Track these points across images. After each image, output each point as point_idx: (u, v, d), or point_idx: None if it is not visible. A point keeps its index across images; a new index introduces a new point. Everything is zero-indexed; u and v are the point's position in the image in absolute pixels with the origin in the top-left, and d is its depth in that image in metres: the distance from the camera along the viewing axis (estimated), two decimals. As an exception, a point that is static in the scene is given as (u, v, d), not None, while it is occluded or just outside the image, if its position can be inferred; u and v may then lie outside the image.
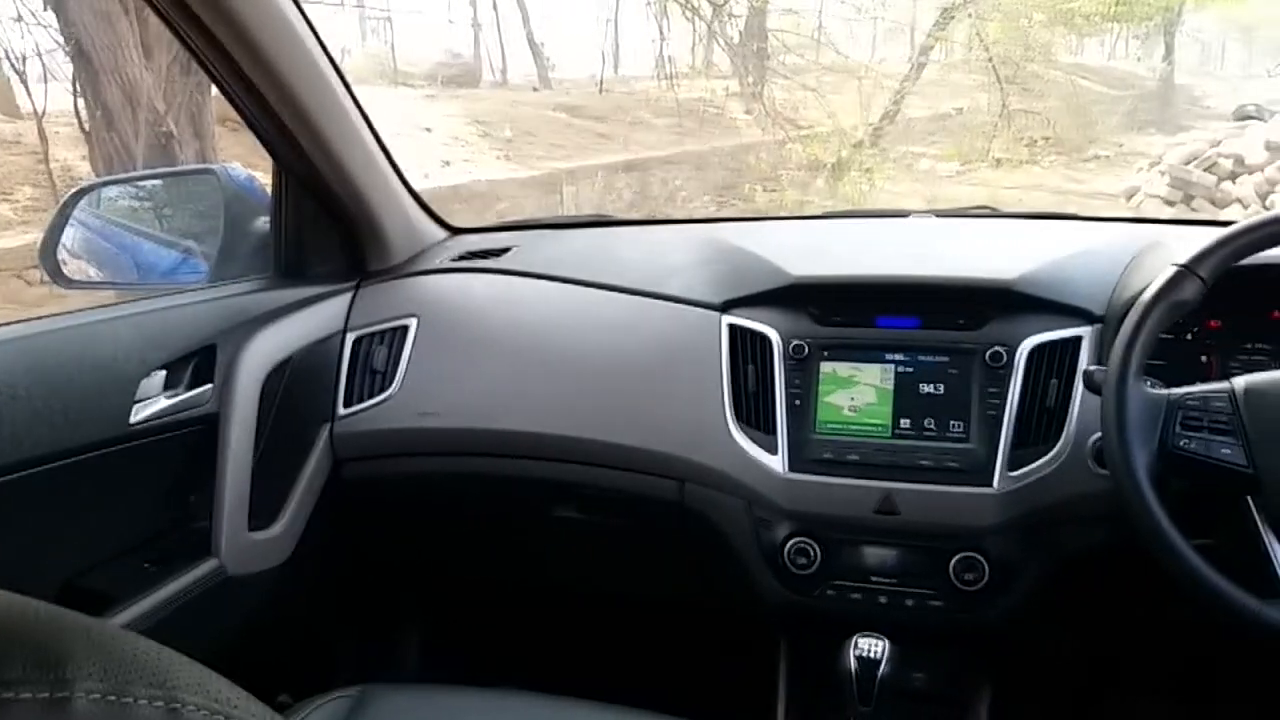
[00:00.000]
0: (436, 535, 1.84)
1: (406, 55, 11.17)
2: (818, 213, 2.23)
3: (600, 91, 10.83)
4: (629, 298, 1.62)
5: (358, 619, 1.97)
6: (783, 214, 6.54)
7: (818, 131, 8.91)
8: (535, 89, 11.47)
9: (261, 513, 1.47)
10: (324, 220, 1.68)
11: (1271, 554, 1.07)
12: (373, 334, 1.65)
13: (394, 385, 1.60)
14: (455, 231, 1.95)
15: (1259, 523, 1.08)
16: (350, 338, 1.65)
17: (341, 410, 1.61)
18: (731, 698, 1.59)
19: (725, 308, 1.52)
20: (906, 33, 10.63)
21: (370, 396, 1.60)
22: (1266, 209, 6.59)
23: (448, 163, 7.50)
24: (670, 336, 1.53)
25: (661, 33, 9.97)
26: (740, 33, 9.66)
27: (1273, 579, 1.06)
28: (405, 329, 1.64)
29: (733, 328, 1.48)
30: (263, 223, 1.68)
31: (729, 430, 1.43)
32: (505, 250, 1.80)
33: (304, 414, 1.58)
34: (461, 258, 1.80)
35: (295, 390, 1.53)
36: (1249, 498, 1.10)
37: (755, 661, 1.58)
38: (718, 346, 1.48)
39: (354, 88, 1.57)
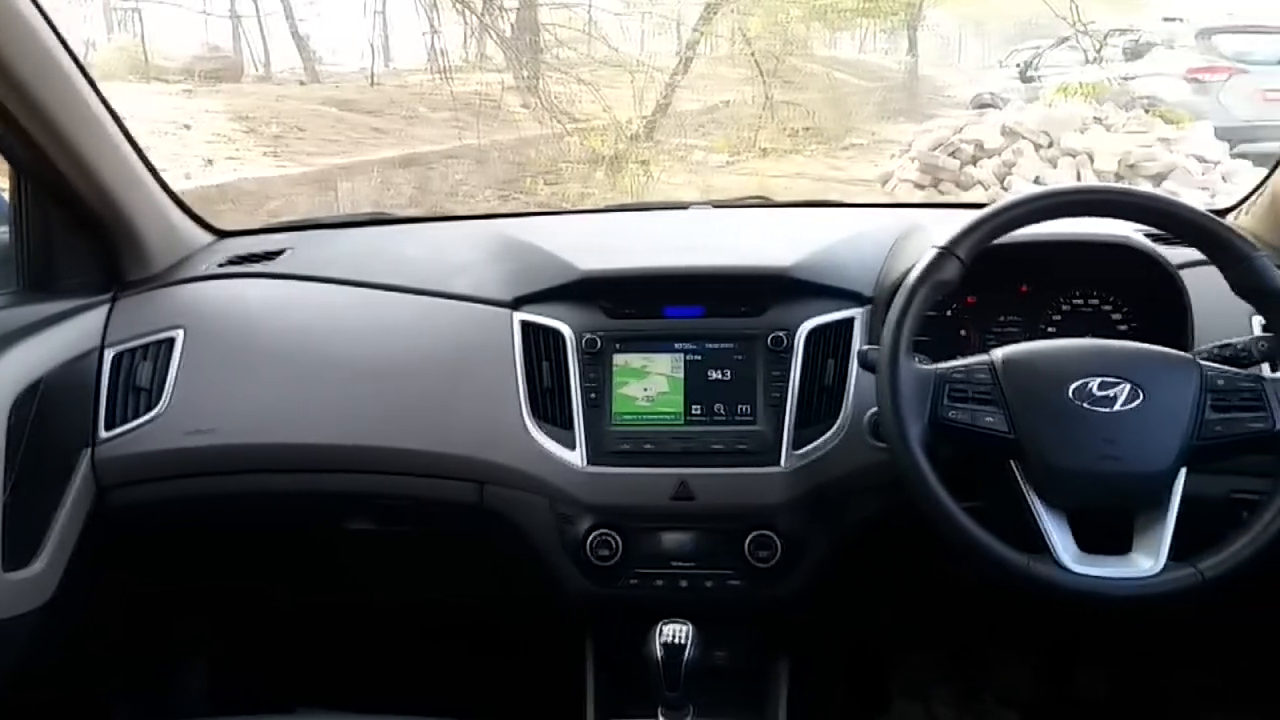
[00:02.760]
0: (220, 560, 1.74)
1: (160, 48, 10.41)
2: (601, 206, 2.27)
3: (372, 85, 10.49)
4: (414, 298, 1.59)
5: (137, 657, 1.83)
6: (567, 208, 6.58)
7: (595, 125, 8.99)
8: (302, 83, 10.97)
9: (17, 551, 1.34)
10: (73, 228, 1.55)
11: (1035, 513, 1.18)
12: (135, 349, 1.54)
13: (162, 403, 1.50)
14: (222, 235, 1.85)
15: (1022, 484, 1.19)
16: (109, 354, 1.53)
17: (103, 433, 1.49)
18: (539, 696, 1.59)
19: (516, 304, 1.51)
20: (674, 27, 10.88)
21: (135, 416, 1.50)
22: (1005, 189, 7.21)
23: (211, 161, 7.07)
24: (460, 336, 1.51)
25: (433, 25, 9.75)
26: (512, 26, 9.60)
27: (1038, 536, 1.17)
28: (171, 342, 1.54)
29: (525, 324, 1.48)
30: (1, 233, 1.53)
31: (526, 428, 1.43)
32: (278, 253, 1.73)
33: (60, 440, 1.45)
34: (230, 262, 1.71)
35: (49, 415, 1.41)
36: (1012, 462, 1.20)
37: (563, 658, 1.58)
38: (510, 344, 1.47)
39: (101, 84, 1.45)
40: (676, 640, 1.30)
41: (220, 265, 1.71)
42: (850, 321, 1.46)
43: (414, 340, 1.53)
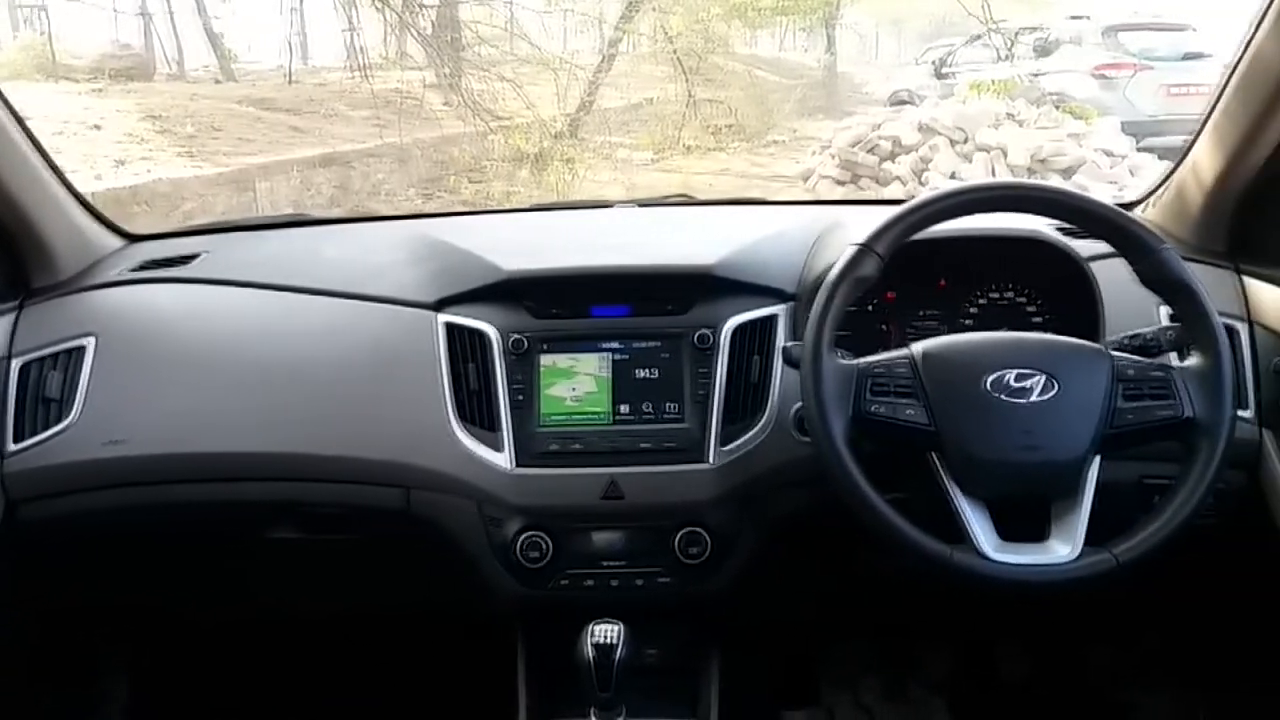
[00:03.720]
0: (138, 574, 1.69)
1: (68, 47, 10.05)
2: (525, 205, 2.27)
3: (289, 83, 10.29)
4: (335, 301, 1.56)
5: (55, 675, 1.77)
6: (491, 207, 6.54)
7: (518, 123, 8.96)
8: (217, 81, 10.72)
9: None
10: None
11: (956, 504, 1.20)
12: (43, 358, 1.49)
13: (73, 414, 1.45)
14: (134, 239, 1.80)
15: (943, 476, 1.22)
16: (15, 364, 1.48)
17: (11, 446, 1.44)
18: (471, 702, 1.58)
19: (440, 306, 1.50)
20: (595, 25, 10.88)
21: (45, 428, 1.45)
22: (922, 185, 7.36)
23: (122, 162, 6.85)
24: (383, 339, 1.49)
25: (351, 23, 9.61)
26: (433, 24, 9.50)
27: (959, 526, 1.20)
28: (82, 350, 1.49)
29: (450, 326, 1.47)
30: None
31: (453, 431, 1.41)
32: (193, 257, 1.68)
33: None
34: (142, 267, 1.66)
35: None
36: (933, 453, 1.23)
37: (494, 662, 1.58)
38: (434, 346, 1.46)
39: (4, 84, 1.40)
40: (607, 640, 1.30)
41: (132, 270, 1.66)
42: (774, 318, 1.48)
43: (334, 344, 1.51)
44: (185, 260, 1.68)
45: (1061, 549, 1.19)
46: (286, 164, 7.51)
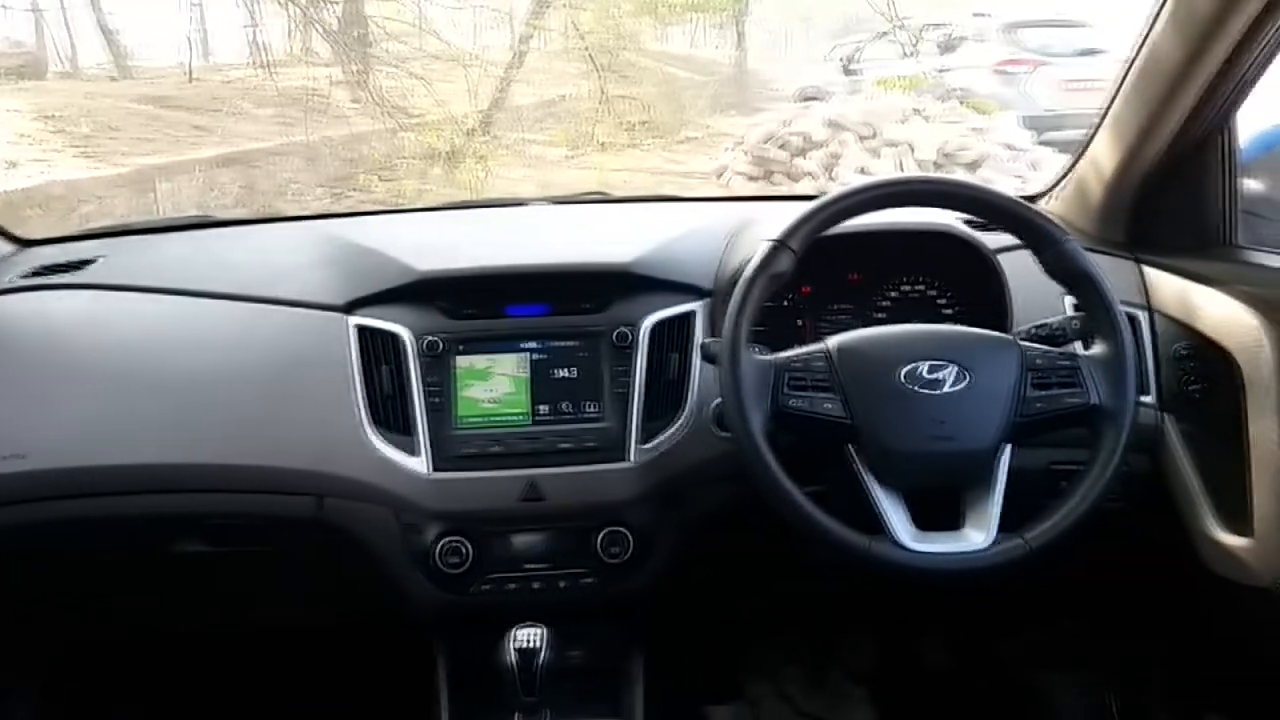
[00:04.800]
0: (40, 592, 1.62)
1: (-46, 46, 9.62)
2: (438, 203, 2.22)
3: (190, 80, 9.96)
4: (241, 305, 1.52)
5: None
6: (403, 206, 6.43)
7: (429, 120, 8.83)
8: (114, 79, 10.32)
9: None
10: None
11: (873, 495, 1.22)
12: None
13: None
14: (26, 244, 1.73)
15: (860, 468, 1.23)
16: None
17: None
18: (393, 712, 1.55)
19: (350, 308, 1.47)
20: (507, 21, 10.78)
21: None
22: (833, 180, 7.47)
23: (14, 164, 6.58)
24: (291, 344, 1.46)
25: (253, 18, 9.35)
26: (339, 19, 9.31)
27: (877, 517, 1.21)
28: None
29: (361, 329, 1.44)
30: None
31: (366, 436, 1.38)
32: (90, 261, 1.62)
33: None
34: (36, 273, 1.60)
35: None
36: (850, 446, 1.24)
37: (415, 671, 1.55)
38: (346, 350, 1.43)
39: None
40: (530, 644, 1.29)
41: (24, 277, 1.59)
42: (691, 315, 1.48)
43: (241, 350, 1.46)
44: (82, 265, 1.61)
45: (976, 536, 1.21)
46: (189, 164, 7.29)
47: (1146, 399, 1.49)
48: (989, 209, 1.33)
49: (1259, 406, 1.33)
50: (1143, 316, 1.54)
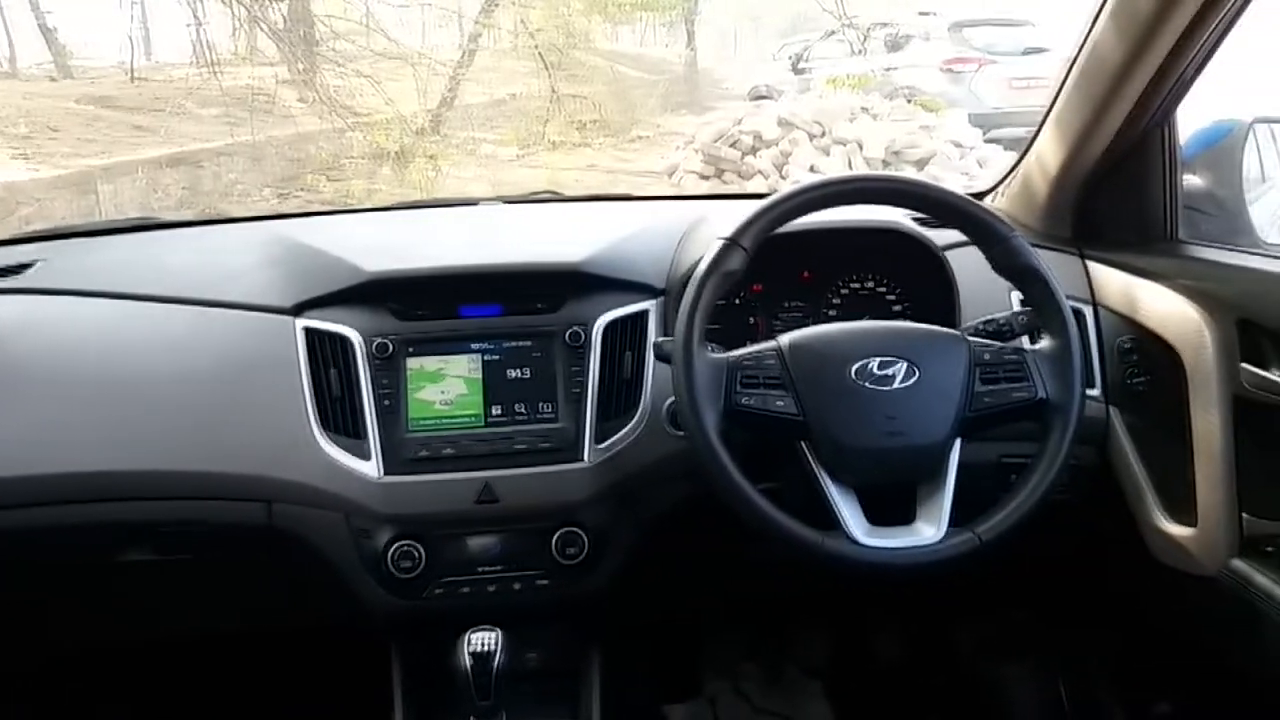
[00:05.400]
0: None
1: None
2: (387, 204, 2.20)
3: (132, 80, 9.76)
4: (186, 308, 1.49)
5: None
6: (352, 206, 6.36)
7: (378, 119, 8.74)
8: (53, 79, 10.08)
9: None
10: None
11: (826, 491, 1.22)
12: None
13: None
14: (-40, 248, 1.67)
15: (813, 464, 1.24)
16: None
17: None
18: (349, 718, 1.53)
19: (298, 310, 1.44)
20: (455, 20, 10.71)
21: None
22: (783, 178, 7.51)
23: (-50, 167, 6.41)
24: (238, 347, 1.43)
25: (196, 17, 9.18)
26: (284, 18, 9.17)
27: (830, 513, 1.22)
28: None
29: (309, 331, 1.42)
30: None
31: (315, 441, 1.36)
32: (28, 265, 1.58)
33: None
34: None
35: None
36: (803, 443, 1.24)
37: (369, 677, 1.53)
38: (294, 353, 1.41)
39: None
40: (485, 648, 1.28)
41: None
42: (644, 314, 1.48)
43: (186, 354, 1.43)
44: (19, 269, 1.57)
45: (928, 530, 1.22)
46: (131, 165, 7.15)
47: (1093, 392, 1.51)
48: (937, 206, 1.34)
49: (1201, 399, 1.36)
50: (1088, 311, 1.56)
